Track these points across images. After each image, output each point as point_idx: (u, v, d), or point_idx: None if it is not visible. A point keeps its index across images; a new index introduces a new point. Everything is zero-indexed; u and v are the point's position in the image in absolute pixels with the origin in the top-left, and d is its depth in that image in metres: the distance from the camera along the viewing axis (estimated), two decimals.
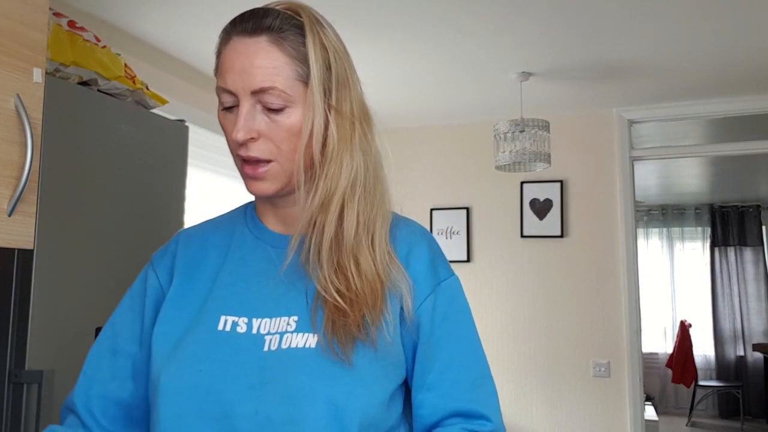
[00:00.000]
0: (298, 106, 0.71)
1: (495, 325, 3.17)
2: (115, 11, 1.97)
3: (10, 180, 0.78)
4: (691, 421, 5.67)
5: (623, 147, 3.04)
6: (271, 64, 0.70)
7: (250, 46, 0.70)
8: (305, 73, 0.71)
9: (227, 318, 0.72)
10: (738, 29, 2.11)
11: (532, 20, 2.04)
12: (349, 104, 0.75)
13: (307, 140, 0.71)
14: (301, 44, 0.72)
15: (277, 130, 0.71)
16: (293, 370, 0.68)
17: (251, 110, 0.70)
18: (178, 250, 0.80)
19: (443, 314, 0.75)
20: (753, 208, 6.06)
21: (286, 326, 0.70)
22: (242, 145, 0.71)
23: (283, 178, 0.73)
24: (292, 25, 0.72)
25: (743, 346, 5.94)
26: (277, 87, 0.69)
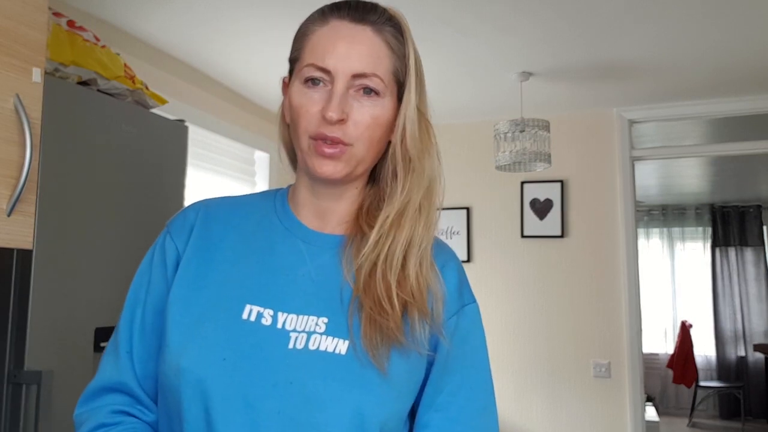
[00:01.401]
0: (388, 98, 0.72)
1: (495, 326, 3.17)
2: (115, 11, 1.97)
3: (10, 180, 0.78)
4: (692, 421, 5.66)
5: (624, 147, 3.03)
6: (375, 52, 0.71)
7: (356, 32, 0.71)
8: (401, 71, 0.74)
9: (252, 307, 0.70)
10: (738, 29, 2.11)
11: (533, 20, 2.03)
12: (426, 110, 0.76)
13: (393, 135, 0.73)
14: (400, 44, 0.74)
15: (365, 116, 0.71)
16: (322, 374, 0.66)
17: (344, 91, 0.70)
18: (196, 224, 0.77)
19: (463, 337, 0.75)
20: (753, 208, 6.06)
21: (315, 327, 0.69)
22: (328, 124, 0.69)
23: (353, 165, 0.72)
24: (393, 25, 0.74)
25: (744, 347, 5.93)
26: (378, 74, 0.71)
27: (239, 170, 2.92)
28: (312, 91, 0.71)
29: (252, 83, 2.69)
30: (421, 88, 0.75)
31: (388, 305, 0.69)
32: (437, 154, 0.78)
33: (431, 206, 0.75)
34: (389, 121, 0.74)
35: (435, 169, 0.77)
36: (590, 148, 3.10)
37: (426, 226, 0.74)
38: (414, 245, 0.72)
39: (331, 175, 0.71)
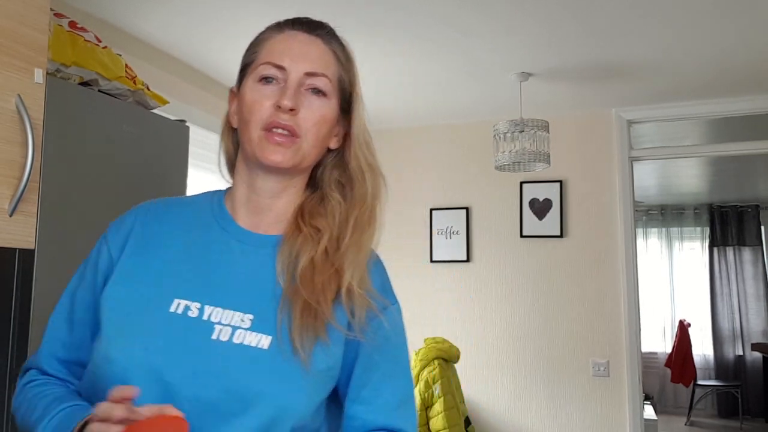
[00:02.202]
0: (334, 102, 0.80)
1: (494, 325, 3.18)
2: (116, 12, 1.97)
3: (11, 180, 0.78)
4: (690, 420, 5.68)
5: (622, 147, 3.04)
6: (324, 57, 0.80)
7: (309, 40, 0.80)
8: (348, 83, 0.82)
9: (180, 301, 0.73)
10: (737, 29, 2.12)
11: (532, 21, 2.04)
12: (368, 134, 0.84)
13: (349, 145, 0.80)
14: (347, 59, 0.83)
15: (314, 112, 0.77)
16: (243, 366, 0.70)
17: (297, 87, 0.77)
18: (135, 224, 0.81)
19: (386, 336, 0.79)
20: (752, 208, 6.07)
21: (240, 322, 0.73)
22: (280, 112, 0.75)
23: (300, 157, 0.77)
24: (340, 45, 0.83)
25: (742, 346, 5.95)
26: (327, 75, 0.78)
27: None
28: (266, 88, 0.77)
29: None
30: (362, 108, 0.83)
31: (323, 300, 0.73)
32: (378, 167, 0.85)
33: (375, 213, 0.82)
34: (333, 124, 0.80)
35: (380, 179, 0.84)
36: (589, 149, 3.11)
37: (371, 231, 0.80)
38: (359, 249, 0.77)
39: (280, 163, 0.76)
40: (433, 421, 2.27)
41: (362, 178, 0.81)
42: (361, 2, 1.90)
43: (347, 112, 0.82)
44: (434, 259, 3.29)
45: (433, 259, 3.29)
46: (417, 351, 2.42)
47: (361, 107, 0.83)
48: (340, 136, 0.82)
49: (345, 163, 0.81)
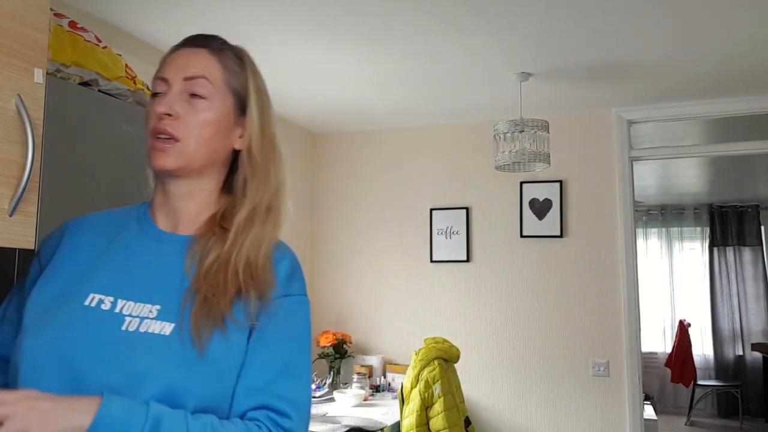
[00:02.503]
0: (218, 104, 0.85)
1: (494, 325, 3.18)
2: (116, 12, 1.97)
3: (11, 180, 0.78)
4: (690, 420, 5.68)
5: (622, 147, 3.04)
6: (206, 64, 0.86)
7: (193, 52, 0.87)
8: (241, 88, 0.87)
9: (95, 295, 0.80)
10: (737, 29, 2.12)
11: (532, 21, 2.04)
12: (269, 130, 0.90)
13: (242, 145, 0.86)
14: (237, 65, 0.88)
15: (194, 116, 0.83)
16: (144, 352, 0.76)
17: (178, 94, 0.83)
18: (64, 236, 0.87)
19: (279, 320, 0.83)
20: (752, 208, 6.07)
21: (148, 313, 0.79)
22: (160, 120, 0.82)
23: (184, 159, 0.83)
24: (233, 53, 0.89)
25: (742, 346, 5.95)
26: (206, 77, 0.84)
27: None
28: (154, 101, 0.84)
29: None
30: (262, 107, 0.89)
31: (222, 293, 0.79)
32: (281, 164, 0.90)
33: (279, 208, 0.88)
34: (223, 126, 0.86)
35: (281, 175, 0.89)
36: (589, 149, 3.11)
37: (274, 225, 0.86)
38: (261, 242, 0.83)
39: (163, 166, 0.82)
40: (433, 421, 2.27)
41: (263, 175, 0.87)
42: (360, 3, 1.90)
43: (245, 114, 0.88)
44: (434, 259, 3.29)
45: (433, 259, 3.29)
46: (417, 351, 2.42)
47: (257, 108, 0.88)
48: (246, 137, 0.88)
49: (246, 162, 0.87)
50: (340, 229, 3.50)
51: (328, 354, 3.20)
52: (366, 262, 3.42)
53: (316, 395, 2.90)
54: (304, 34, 2.15)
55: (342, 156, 3.54)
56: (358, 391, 2.94)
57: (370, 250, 3.42)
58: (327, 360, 3.21)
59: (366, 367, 3.21)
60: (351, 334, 3.33)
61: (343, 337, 3.21)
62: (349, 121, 3.33)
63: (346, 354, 3.23)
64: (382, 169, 3.45)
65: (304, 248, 3.47)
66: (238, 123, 0.88)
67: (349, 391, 2.92)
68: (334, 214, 3.53)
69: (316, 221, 3.56)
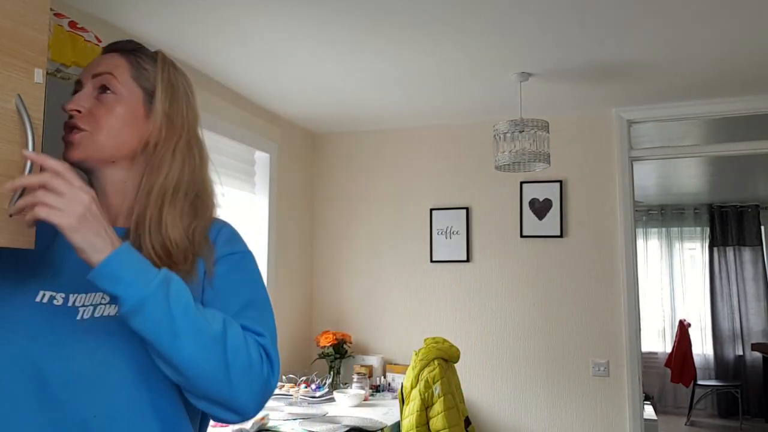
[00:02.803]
0: (126, 98, 0.91)
1: (494, 325, 3.18)
2: (116, 12, 1.97)
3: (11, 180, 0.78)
4: (690, 420, 5.68)
5: (622, 147, 3.04)
6: (114, 63, 0.93)
7: (105, 56, 0.95)
8: (147, 83, 0.93)
9: (45, 292, 0.85)
10: (737, 29, 2.12)
11: (532, 21, 2.04)
12: (181, 122, 0.95)
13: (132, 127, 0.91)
14: (148, 64, 0.95)
15: (101, 109, 0.90)
16: (103, 334, 0.82)
17: (88, 92, 0.91)
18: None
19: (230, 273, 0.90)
20: (752, 208, 6.07)
21: (101, 299, 0.85)
22: (70, 117, 0.89)
23: (90, 149, 0.89)
24: (147, 55, 0.96)
25: (742, 346, 5.95)
26: (113, 74, 0.91)
27: (239, 170, 2.93)
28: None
29: (252, 83, 2.69)
30: (172, 100, 0.94)
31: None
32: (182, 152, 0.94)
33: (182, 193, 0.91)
34: (131, 118, 0.91)
35: (178, 161, 0.92)
36: (589, 149, 3.11)
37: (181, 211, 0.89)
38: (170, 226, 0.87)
39: (71, 157, 0.89)
40: (433, 421, 2.27)
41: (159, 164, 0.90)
42: (360, 3, 1.90)
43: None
44: (434, 259, 3.29)
45: (433, 259, 3.29)
46: (417, 351, 2.42)
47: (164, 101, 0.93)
48: (151, 128, 0.92)
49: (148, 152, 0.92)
50: (340, 229, 3.50)
51: (328, 354, 3.20)
52: (366, 262, 3.42)
53: (316, 395, 2.90)
54: (304, 34, 2.15)
55: (342, 156, 3.54)
56: (358, 391, 2.94)
57: (370, 250, 3.42)
58: (327, 360, 3.21)
59: (366, 367, 3.21)
60: (351, 334, 3.33)
61: (343, 337, 3.21)
62: (349, 121, 3.33)
63: (346, 354, 3.23)
64: (382, 169, 3.45)
65: (304, 248, 3.47)
66: (148, 117, 0.93)
67: (349, 391, 2.92)
68: (334, 214, 3.53)
69: (316, 221, 3.56)
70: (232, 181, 2.85)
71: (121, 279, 0.76)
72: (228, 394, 0.80)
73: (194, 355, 0.77)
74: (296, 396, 2.87)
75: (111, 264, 0.76)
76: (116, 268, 0.76)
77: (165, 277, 0.79)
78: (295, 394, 2.88)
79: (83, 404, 0.80)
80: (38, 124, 0.83)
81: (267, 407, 2.74)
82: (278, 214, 3.15)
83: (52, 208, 0.74)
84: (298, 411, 2.68)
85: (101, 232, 0.76)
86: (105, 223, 0.78)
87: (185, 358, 0.77)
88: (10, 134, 0.80)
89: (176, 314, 0.77)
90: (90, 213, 0.76)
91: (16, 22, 0.82)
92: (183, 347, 0.77)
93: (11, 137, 0.80)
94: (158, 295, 0.76)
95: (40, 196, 0.75)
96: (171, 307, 0.77)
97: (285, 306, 3.22)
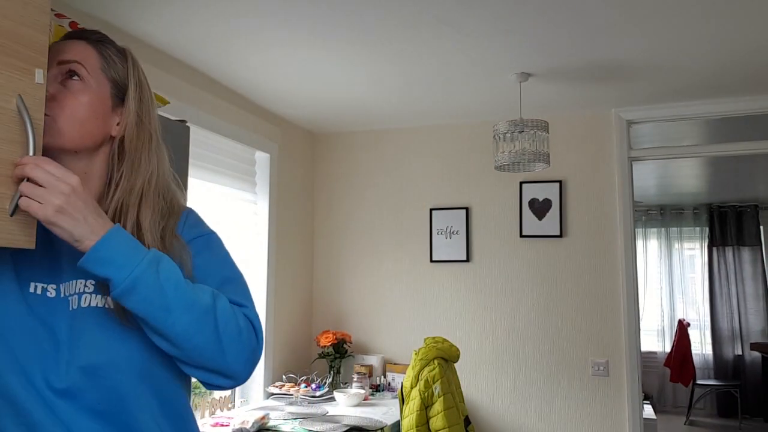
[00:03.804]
0: (94, 87, 0.89)
1: (494, 325, 3.18)
2: (117, 12, 1.97)
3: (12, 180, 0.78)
4: (689, 419, 5.69)
5: (622, 147, 3.04)
6: (81, 51, 0.90)
7: (71, 43, 0.91)
8: (120, 79, 0.92)
9: (37, 284, 0.87)
10: (736, 29, 2.12)
11: (532, 21, 2.04)
12: (149, 120, 0.95)
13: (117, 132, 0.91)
14: (116, 57, 0.93)
15: (68, 96, 0.88)
16: (97, 325, 0.84)
17: (52, 78, 0.88)
18: None
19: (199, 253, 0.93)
20: (751, 208, 6.08)
21: (84, 288, 0.86)
22: None
23: (56, 136, 0.86)
24: (116, 48, 0.95)
25: (741, 346, 5.95)
26: (79, 61, 0.89)
27: (239, 170, 2.93)
28: None
29: (252, 83, 2.69)
30: (142, 99, 0.94)
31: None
32: (160, 156, 0.95)
33: (155, 191, 0.92)
34: (98, 109, 0.89)
35: (156, 160, 0.94)
36: (589, 149, 3.11)
37: (153, 208, 0.90)
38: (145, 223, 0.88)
39: None
40: (432, 420, 2.27)
41: (134, 164, 0.91)
42: (360, 3, 1.90)
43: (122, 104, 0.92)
44: (434, 259, 3.29)
45: (433, 259, 3.29)
46: (417, 351, 2.43)
47: (135, 99, 0.92)
48: (123, 126, 0.92)
49: (117, 150, 0.92)
50: (340, 228, 3.50)
51: (328, 354, 3.20)
52: (366, 262, 3.43)
53: (317, 395, 2.90)
54: (304, 34, 2.15)
55: (342, 156, 3.55)
56: (358, 390, 2.94)
57: (370, 250, 3.42)
58: (327, 360, 3.21)
59: (366, 366, 3.22)
60: (351, 334, 3.33)
61: (343, 336, 3.22)
62: (349, 121, 3.34)
63: (346, 354, 3.23)
64: (382, 169, 3.45)
65: (305, 248, 3.47)
66: (115, 112, 0.92)
67: (349, 391, 2.92)
68: (334, 214, 3.53)
69: (316, 221, 3.56)
70: (232, 181, 2.85)
71: (112, 262, 0.77)
72: (222, 362, 0.83)
73: (188, 328, 0.80)
74: (296, 395, 2.87)
75: (100, 250, 0.77)
76: (106, 253, 0.77)
77: (154, 256, 0.80)
78: (295, 393, 2.88)
79: (89, 393, 0.83)
80: (39, 125, 0.83)
81: (267, 407, 2.74)
82: (278, 214, 3.15)
83: (31, 199, 0.76)
84: (298, 410, 2.68)
85: (82, 220, 0.77)
86: (92, 208, 0.79)
87: (179, 331, 0.80)
88: (10, 134, 0.80)
89: (168, 291, 0.79)
90: (69, 203, 0.76)
91: (16, 22, 0.82)
92: (177, 322, 0.79)
93: (12, 137, 0.80)
94: (149, 275, 0.78)
95: (22, 187, 0.76)
96: (162, 284, 0.79)
97: (285, 306, 3.22)
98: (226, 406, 2.69)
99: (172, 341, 0.81)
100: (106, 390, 0.83)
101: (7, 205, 0.78)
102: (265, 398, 2.96)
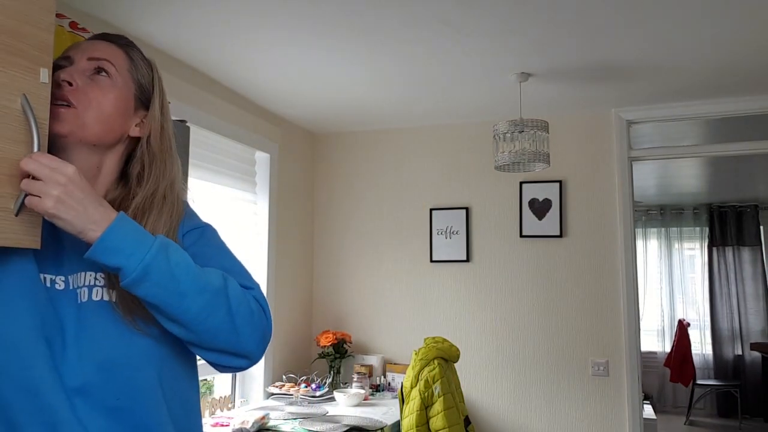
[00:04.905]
0: (121, 85, 0.92)
1: (494, 325, 3.19)
2: (117, 12, 1.97)
3: (17, 180, 0.79)
4: (689, 419, 5.69)
5: (622, 147, 3.05)
6: (111, 51, 0.93)
7: (100, 43, 0.94)
8: (146, 83, 0.95)
9: (46, 276, 0.86)
10: (736, 29, 2.12)
11: (532, 21, 2.05)
12: (168, 128, 0.98)
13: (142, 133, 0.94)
14: (143, 62, 0.96)
15: (94, 89, 0.89)
16: (106, 318, 0.84)
17: (81, 70, 0.90)
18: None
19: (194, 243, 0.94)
20: (751, 208, 6.08)
21: (94, 281, 0.86)
22: (61, 88, 0.87)
23: (78, 126, 0.87)
24: (140, 54, 0.98)
25: (741, 346, 5.96)
26: (109, 59, 0.92)
27: (240, 170, 2.93)
28: (57, 72, 0.90)
29: (252, 83, 2.69)
30: (164, 108, 0.98)
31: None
32: (177, 162, 0.98)
33: (174, 199, 0.94)
34: (122, 107, 0.92)
35: (176, 166, 0.97)
36: (589, 149, 3.12)
37: (169, 214, 0.92)
38: (159, 227, 0.89)
39: (56, 130, 0.86)
40: (432, 420, 2.27)
41: (161, 166, 0.93)
42: (360, 3, 1.90)
43: (147, 106, 0.95)
44: (434, 259, 3.29)
45: (433, 259, 3.30)
46: (417, 351, 2.43)
47: (160, 107, 0.96)
48: (143, 128, 0.94)
49: (146, 151, 0.94)
50: (340, 228, 3.51)
51: (328, 354, 3.20)
52: (366, 262, 3.43)
53: (317, 395, 2.90)
54: (304, 34, 2.15)
55: (342, 156, 3.55)
56: (358, 390, 2.94)
57: (370, 250, 3.43)
58: (327, 360, 3.22)
59: (366, 366, 3.22)
60: (351, 334, 3.33)
61: (343, 336, 3.22)
62: (349, 121, 3.34)
63: (346, 354, 3.24)
64: (382, 169, 3.45)
65: (305, 248, 3.47)
66: (136, 113, 0.94)
67: (349, 391, 2.92)
68: (334, 214, 3.53)
69: (316, 221, 3.56)
70: (232, 181, 2.85)
71: (121, 251, 0.77)
72: (236, 343, 0.84)
73: (201, 311, 0.80)
74: (296, 395, 2.87)
75: (107, 239, 0.76)
76: (114, 242, 0.77)
77: (162, 242, 0.80)
78: (295, 393, 2.88)
79: (104, 389, 0.83)
80: (44, 124, 0.83)
81: (267, 407, 2.75)
82: (278, 214, 3.15)
83: (32, 195, 0.76)
84: (298, 410, 2.68)
85: (82, 210, 0.76)
86: (92, 198, 0.78)
87: (194, 315, 0.80)
88: (15, 134, 0.81)
89: (179, 276, 0.79)
90: (67, 193, 0.75)
91: (21, 21, 0.83)
92: (190, 306, 0.80)
93: (17, 137, 0.80)
94: (160, 260, 0.78)
95: (23, 184, 0.76)
96: (173, 270, 0.79)
97: (285, 306, 3.22)
98: (226, 406, 2.70)
99: (187, 326, 0.81)
100: (122, 385, 0.83)
101: (11, 205, 0.78)
102: (265, 398, 2.96)
